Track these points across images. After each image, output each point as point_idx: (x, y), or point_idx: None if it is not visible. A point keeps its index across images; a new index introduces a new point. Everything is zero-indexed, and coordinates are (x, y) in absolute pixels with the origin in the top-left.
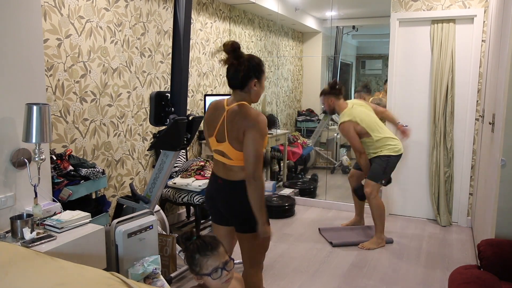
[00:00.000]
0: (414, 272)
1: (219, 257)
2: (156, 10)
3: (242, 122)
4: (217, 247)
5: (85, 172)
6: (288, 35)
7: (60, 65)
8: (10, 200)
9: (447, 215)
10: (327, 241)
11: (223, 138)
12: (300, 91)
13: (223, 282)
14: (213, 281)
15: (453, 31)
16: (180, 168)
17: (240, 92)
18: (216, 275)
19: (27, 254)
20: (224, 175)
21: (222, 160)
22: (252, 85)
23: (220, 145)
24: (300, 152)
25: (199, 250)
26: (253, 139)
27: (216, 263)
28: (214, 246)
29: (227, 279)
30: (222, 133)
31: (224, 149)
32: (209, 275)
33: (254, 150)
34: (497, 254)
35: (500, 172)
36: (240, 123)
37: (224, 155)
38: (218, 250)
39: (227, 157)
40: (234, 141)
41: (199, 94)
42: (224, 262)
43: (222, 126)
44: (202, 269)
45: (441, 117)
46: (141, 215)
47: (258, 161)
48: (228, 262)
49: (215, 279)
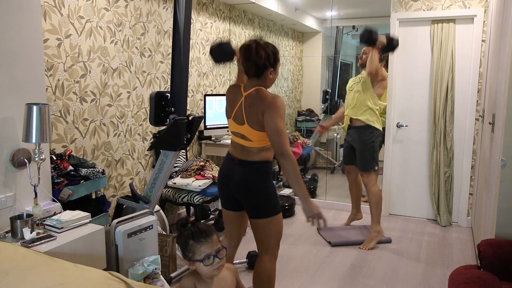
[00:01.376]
0: (414, 272)
1: (212, 245)
2: (156, 10)
3: (260, 105)
4: (211, 235)
5: (85, 172)
6: (288, 35)
7: (60, 65)
8: (10, 200)
9: (447, 215)
10: (326, 241)
11: (242, 121)
12: (300, 91)
13: (214, 269)
14: (205, 267)
15: (453, 31)
16: (180, 168)
17: (256, 79)
18: (208, 261)
19: (27, 254)
20: (242, 156)
21: (241, 142)
22: (268, 74)
23: (240, 128)
24: (300, 152)
25: (193, 236)
26: (272, 118)
27: (209, 250)
28: (208, 233)
29: (219, 267)
30: (241, 117)
31: (243, 132)
32: (201, 261)
33: (276, 128)
34: (497, 254)
35: (500, 172)
36: (258, 106)
37: (244, 137)
38: (211, 238)
39: (246, 139)
40: (254, 123)
41: (199, 94)
42: (217, 249)
43: (240, 110)
44: (195, 255)
45: (441, 117)
46: (141, 215)
47: (283, 137)
48: (220, 250)
49: (207, 266)
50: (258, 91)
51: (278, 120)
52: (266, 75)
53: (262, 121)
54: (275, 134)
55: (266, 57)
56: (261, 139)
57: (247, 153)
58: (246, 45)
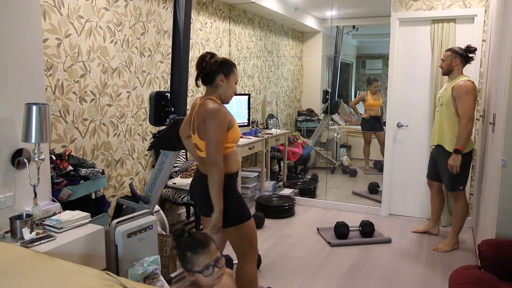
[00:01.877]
0: (414, 272)
1: (210, 254)
2: (156, 9)
3: (202, 113)
4: (208, 245)
5: (84, 172)
6: (288, 35)
7: (59, 65)
8: (9, 200)
9: (448, 215)
10: (326, 241)
11: (194, 130)
12: (300, 91)
13: (215, 279)
14: (205, 278)
15: (454, 30)
16: (180, 168)
17: (210, 87)
18: (208, 272)
19: (27, 254)
20: (202, 169)
21: (198, 153)
22: (219, 81)
23: (194, 137)
24: (300, 152)
25: (190, 248)
26: (210, 127)
27: (207, 260)
28: (205, 243)
29: (219, 276)
30: (193, 126)
31: (195, 141)
32: (200, 273)
33: (212, 137)
34: (498, 254)
35: (501, 172)
36: (202, 115)
37: (197, 147)
38: (209, 248)
39: (198, 149)
40: (201, 132)
41: (199, 94)
42: (216, 259)
43: (193, 120)
44: (194, 266)
45: None
46: (140, 215)
47: (215, 147)
48: (219, 259)
49: (206, 276)
50: (204, 101)
51: (215, 129)
52: (217, 82)
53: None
54: (210, 144)
55: (213, 63)
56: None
57: (203, 165)
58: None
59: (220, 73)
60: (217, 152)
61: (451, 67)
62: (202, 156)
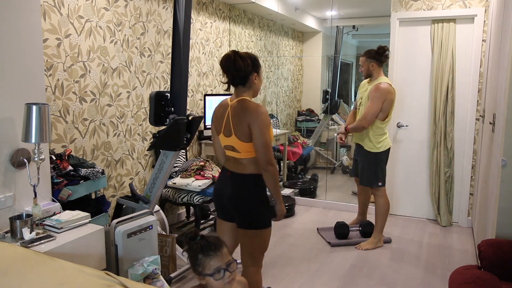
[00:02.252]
0: (414, 272)
1: (222, 258)
2: (156, 9)
3: (244, 116)
4: (220, 248)
5: (84, 172)
6: (288, 35)
7: (59, 65)
8: (9, 200)
9: (448, 215)
10: (326, 241)
11: (230, 132)
12: (300, 91)
13: (225, 283)
14: (215, 281)
15: (454, 30)
16: (180, 168)
17: (242, 87)
18: (219, 275)
19: (27, 254)
20: (233, 169)
21: (232, 154)
22: (253, 79)
23: (228, 139)
24: (300, 152)
25: (202, 250)
26: (259, 131)
27: (218, 263)
28: (218, 246)
29: (229, 280)
30: (229, 128)
31: (232, 143)
32: (211, 276)
33: (262, 140)
34: (498, 254)
35: (501, 172)
36: (243, 117)
37: (233, 149)
38: (221, 251)
39: (236, 151)
40: (240, 134)
41: (199, 94)
42: (227, 263)
43: (228, 121)
44: (205, 269)
45: (442, 117)
46: (140, 215)
47: (268, 149)
48: (231, 263)
49: (217, 280)
50: (242, 102)
51: (265, 132)
52: (251, 81)
53: (248, 133)
54: (262, 146)
55: (247, 64)
56: (248, 150)
57: (238, 165)
58: (225, 56)
59: (253, 72)
60: (270, 152)
61: (369, 71)
62: (237, 157)
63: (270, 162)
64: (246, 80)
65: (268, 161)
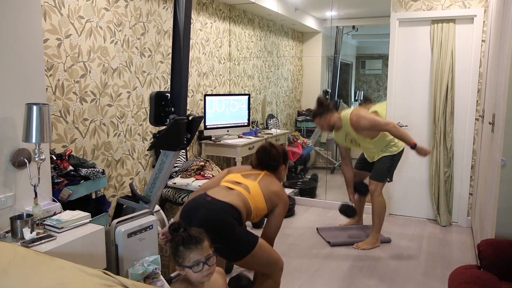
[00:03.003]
0: (414, 272)
1: (202, 252)
2: (156, 10)
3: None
4: (201, 242)
5: (85, 172)
6: (288, 35)
7: (60, 65)
8: (10, 200)
9: (447, 215)
10: (326, 241)
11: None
12: (300, 91)
13: (203, 276)
14: (194, 274)
15: (453, 31)
16: (180, 168)
17: (273, 172)
18: (197, 268)
19: (27, 254)
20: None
21: (236, 187)
22: (282, 169)
23: (245, 180)
24: (300, 152)
25: (183, 243)
26: (280, 214)
27: (198, 257)
28: (199, 240)
29: (208, 274)
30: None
31: (248, 184)
32: (190, 268)
33: (278, 225)
34: (497, 254)
35: (500, 172)
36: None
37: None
38: (202, 245)
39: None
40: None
41: (199, 94)
42: (207, 256)
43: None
44: (184, 261)
45: (441, 117)
46: (141, 215)
47: (276, 232)
48: (210, 257)
49: (196, 272)
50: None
51: (282, 217)
52: (280, 170)
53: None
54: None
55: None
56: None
57: (229, 196)
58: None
59: (282, 164)
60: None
61: (331, 123)
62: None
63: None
64: (277, 169)
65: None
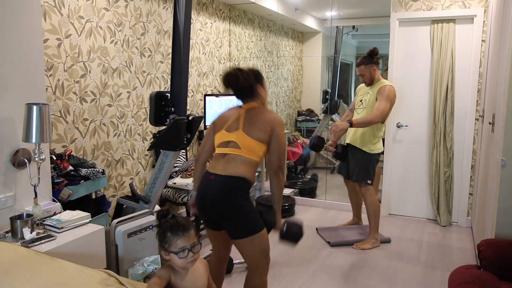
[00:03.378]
0: (414, 272)
1: (188, 239)
2: (156, 10)
3: (268, 117)
4: (188, 229)
5: (85, 172)
6: (288, 35)
7: (60, 65)
8: (10, 200)
9: (447, 215)
10: (326, 241)
11: (235, 128)
12: (300, 91)
13: (188, 262)
14: (179, 259)
15: (453, 31)
16: (180, 168)
17: (252, 99)
18: (183, 254)
19: (27, 254)
20: (219, 170)
21: (228, 151)
22: (259, 90)
23: (230, 135)
24: (300, 152)
25: (171, 229)
26: (281, 135)
27: (184, 243)
28: (186, 228)
29: (192, 260)
30: (235, 125)
31: (234, 138)
32: (176, 254)
33: (282, 146)
34: (497, 254)
35: (500, 172)
36: (265, 118)
37: (234, 144)
38: (189, 232)
39: (236, 147)
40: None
41: (199, 94)
42: (192, 244)
43: (237, 120)
44: (171, 246)
45: (441, 117)
46: (141, 215)
47: (283, 156)
48: (195, 244)
49: (181, 258)
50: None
51: (284, 140)
52: (258, 93)
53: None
54: (280, 153)
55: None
56: (251, 149)
57: (228, 165)
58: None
59: (257, 83)
60: (283, 160)
61: (372, 76)
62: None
63: (282, 168)
64: (253, 91)
65: (281, 166)
